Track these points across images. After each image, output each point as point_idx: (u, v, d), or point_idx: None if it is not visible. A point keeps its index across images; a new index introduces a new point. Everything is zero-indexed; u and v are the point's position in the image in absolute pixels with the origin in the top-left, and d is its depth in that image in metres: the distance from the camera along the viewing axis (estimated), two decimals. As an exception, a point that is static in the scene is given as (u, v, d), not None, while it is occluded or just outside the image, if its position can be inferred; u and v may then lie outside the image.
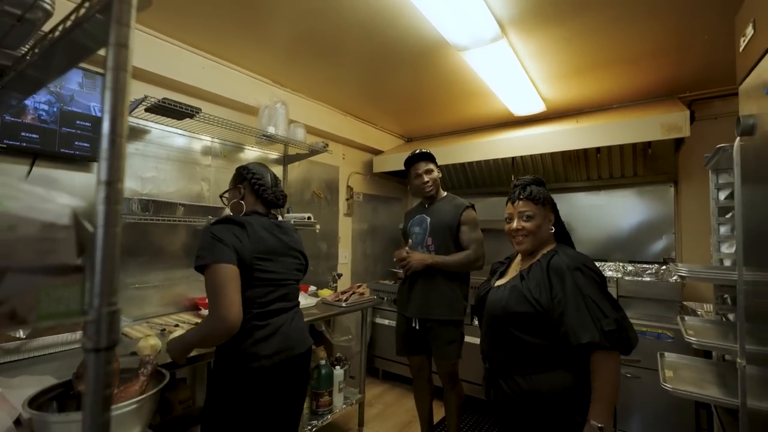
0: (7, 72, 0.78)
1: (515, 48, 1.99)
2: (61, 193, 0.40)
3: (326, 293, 2.46)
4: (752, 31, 1.01)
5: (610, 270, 2.74)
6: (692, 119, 2.22)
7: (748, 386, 1.11)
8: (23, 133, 1.51)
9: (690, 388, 1.30)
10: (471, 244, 1.96)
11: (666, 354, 1.59)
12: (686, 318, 1.56)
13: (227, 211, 1.48)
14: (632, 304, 2.61)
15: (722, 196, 1.56)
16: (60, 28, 0.59)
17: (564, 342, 1.06)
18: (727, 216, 1.54)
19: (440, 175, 2.11)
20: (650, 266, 2.62)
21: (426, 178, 2.05)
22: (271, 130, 2.27)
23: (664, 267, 2.54)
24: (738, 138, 1.13)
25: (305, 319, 1.96)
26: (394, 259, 2.21)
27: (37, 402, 0.77)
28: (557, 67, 2.24)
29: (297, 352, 1.32)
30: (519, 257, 1.32)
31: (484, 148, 2.95)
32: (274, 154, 2.69)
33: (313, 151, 2.61)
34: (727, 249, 1.53)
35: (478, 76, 2.26)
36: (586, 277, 1.09)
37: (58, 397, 0.81)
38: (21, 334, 1.47)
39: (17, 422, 0.81)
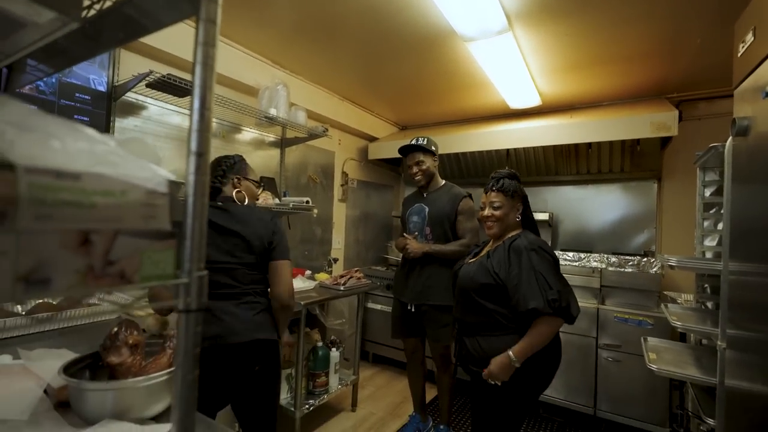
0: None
1: (519, 41, 2.02)
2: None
3: (323, 277, 2.49)
4: (752, 38, 1.07)
5: (596, 261, 2.87)
6: (679, 119, 2.33)
7: (726, 367, 1.21)
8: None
9: (672, 368, 1.41)
10: (466, 233, 2.02)
11: (649, 338, 1.71)
12: (669, 305, 1.67)
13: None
14: (615, 293, 2.75)
15: (708, 192, 1.66)
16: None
17: (516, 309, 1.28)
18: (711, 211, 1.64)
19: (436, 163, 2.14)
20: (632, 258, 2.76)
21: (415, 169, 2.09)
22: (273, 112, 2.24)
23: (645, 259, 2.68)
24: (731, 138, 1.21)
25: (305, 302, 2.02)
26: (395, 247, 2.26)
27: (69, 371, 0.78)
28: (555, 62, 2.29)
29: (232, 341, 1.24)
30: (491, 242, 1.50)
31: (479, 139, 3.00)
32: (271, 137, 2.67)
33: (312, 135, 2.60)
34: (709, 242, 1.64)
35: (481, 67, 2.30)
36: (540, 256, 1.29)
37: (89, 368, 0.83)
38: (19, 309, 1.45)
39: (44, 392, 0.82)
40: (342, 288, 2.27)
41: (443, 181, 2.17)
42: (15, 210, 0.29)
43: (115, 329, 0.86)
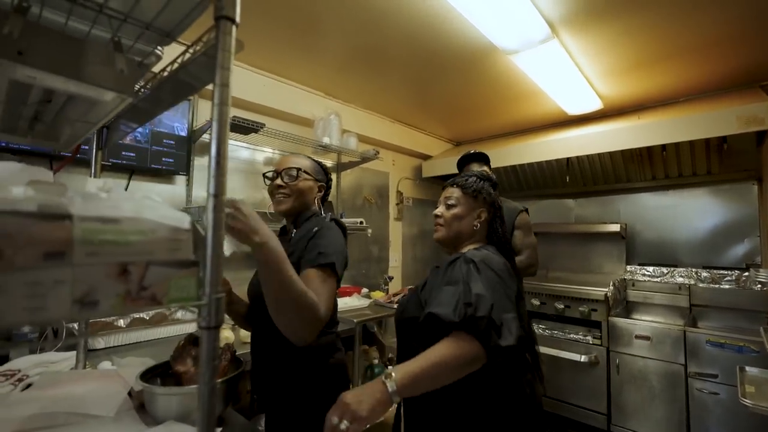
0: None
1: (567, 47, 1.94)
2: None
3: (378, 295, 2.55)
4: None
5: (681, 276, 2.53)
6: (777, 109, 2.00)
7: None
8: (123, 152, 1.78)
9: (774, 405, 1.19)
10: (524, 249, 1.93)
11: (747, 368, 1.46)
12: (770, 329, 1.42)
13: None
14: (708, 313, 2.40)
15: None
16: (168, 69, 0.73)
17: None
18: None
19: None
20: (730, 272, 2.38)
21: None
22: (326, 140, 2.41)
23: (746, 273, 2.30)
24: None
25: (358, 320, 2.09)
26: None
27: (145, 378, 0.92)
28: (614, 63, 2.14)
29: None
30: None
31: (536, 150, 2.88)
32: (328, 163, 2.85)
33: (365, 159, 2.73)
34: (820, 253, 1.37)
35: (529, 77, 2.23)
36: (480, 271, 0.90)
37: (161, 375, 0.97)
38: (122, 323, 1.73)
39: (128, 394, 0.97)
40: (396, 306, 2.29)
41: (497, 197, 2.13)
42: (72, 249, 0.38)
43: (182, 342, 1.00)
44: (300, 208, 1.18)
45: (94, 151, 1.08)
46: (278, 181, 1.17)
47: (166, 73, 0.74)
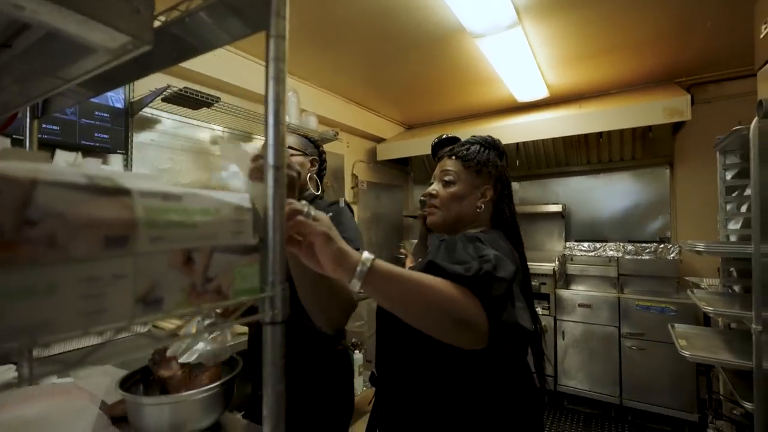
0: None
1: (528, 35, 2.02)
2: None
3: (342, 280, 2.49)
4: (775, 19, 1.07)
5: (611, 250, 2.86)
6: (691, 103, 2.32)
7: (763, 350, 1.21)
8: (44, 125, 1.47)
9: (705, 354, 1.41)
10: None
11: (676, 325, 1.71)
12: (695, 291, 1.66)
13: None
14: (633, 281, 2.75)
15: (729, 176, 1.66)
16: (161, 18, 0.59)
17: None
18: (733, 195, 1.64)
19: None
20: (649, 245, 2.75)
21: None
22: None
23: (662, 245, 2.67)
24: (756, 119, 1.21)
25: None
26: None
27: (123, 386, 0.79)
28: (563, 54, 2.29)
29: None
30: None
31: (490, 134, 2.99)
32: (282, 144, 2.68)
33: (324, 140, 2.61)
34: (733, 225, 1.63)
35: (489, 62, 2.30)
36: (488, 245, 0.72)
37: (141, 382, 0.84)
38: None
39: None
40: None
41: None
42: (135, 234, 0.29)
43: (163, 343, 0.87)
44: None
45: (29, 121, 0.87)
46: None
47: (158, 23, 0.60)
